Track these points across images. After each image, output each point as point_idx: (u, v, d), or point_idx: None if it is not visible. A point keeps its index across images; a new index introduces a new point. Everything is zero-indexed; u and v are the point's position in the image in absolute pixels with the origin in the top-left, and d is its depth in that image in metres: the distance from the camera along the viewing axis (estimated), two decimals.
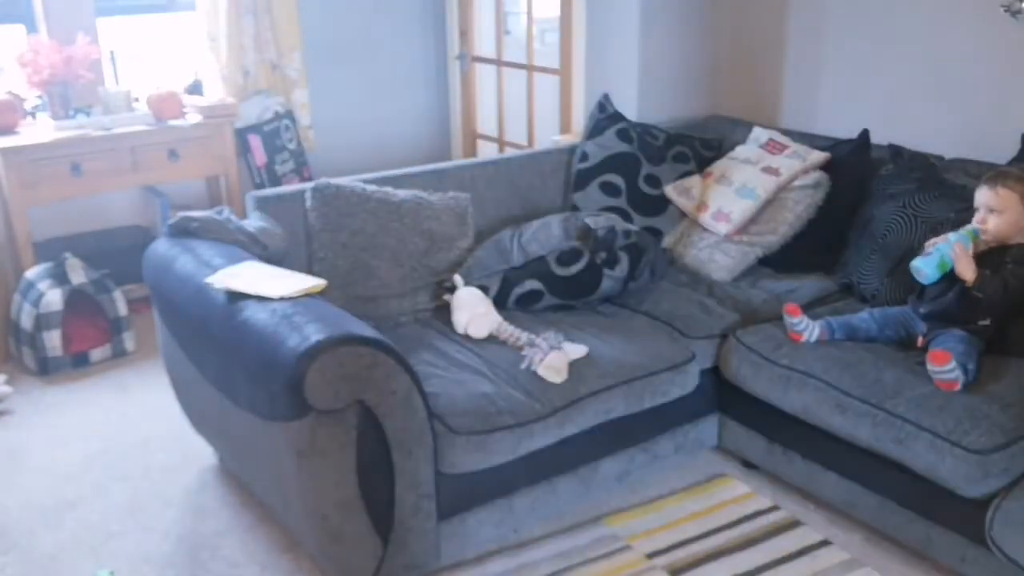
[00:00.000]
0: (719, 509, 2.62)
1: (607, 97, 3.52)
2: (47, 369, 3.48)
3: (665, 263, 3.03)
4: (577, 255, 2.82)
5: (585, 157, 3.37)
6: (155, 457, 2.94)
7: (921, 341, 2.49)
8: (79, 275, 3.52)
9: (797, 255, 3.11)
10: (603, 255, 2.82)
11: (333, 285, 2.63)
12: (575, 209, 3.27)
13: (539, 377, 2.39)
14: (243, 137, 4.15)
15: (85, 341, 3.55)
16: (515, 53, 4.59)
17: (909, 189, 2.87)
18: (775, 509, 2.61)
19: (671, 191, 3.32)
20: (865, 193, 3.05)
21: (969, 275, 2.40)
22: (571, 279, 2.80)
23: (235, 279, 2.28)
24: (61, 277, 3.48)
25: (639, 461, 2.66)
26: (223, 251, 2.51)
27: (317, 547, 2.21)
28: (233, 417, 2.31)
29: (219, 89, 4.13)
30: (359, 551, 2.15)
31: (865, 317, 2.60)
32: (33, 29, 3.91)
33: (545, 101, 4.38)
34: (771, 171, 3.18)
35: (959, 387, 2.26)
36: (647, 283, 2.91)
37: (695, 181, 3.34)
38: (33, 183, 3.52)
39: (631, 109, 3.68)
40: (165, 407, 3.04)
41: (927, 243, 2.52)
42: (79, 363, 3.54)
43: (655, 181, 3.32)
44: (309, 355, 1.94)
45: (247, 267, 2.38)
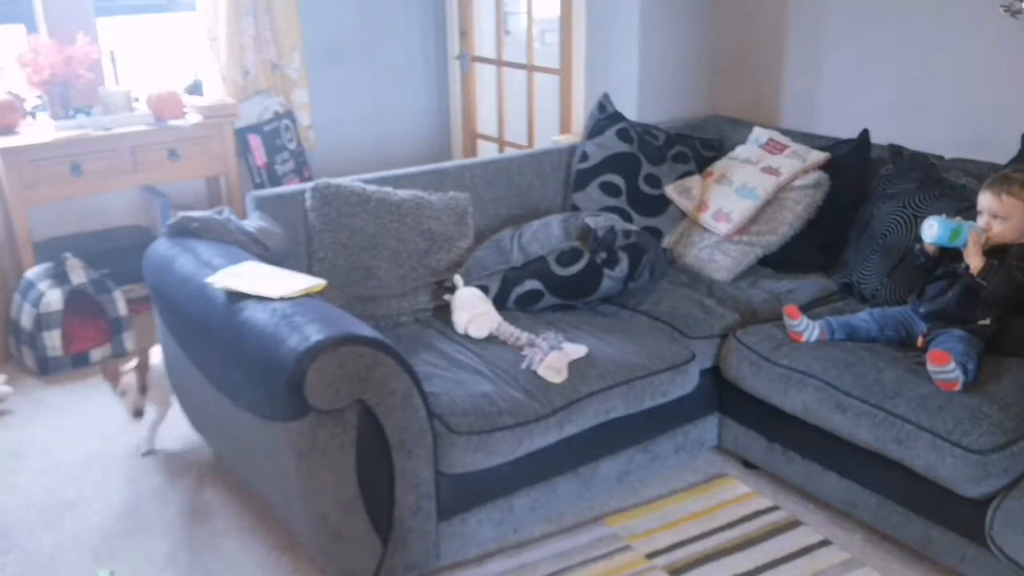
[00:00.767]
0: (719, 509, 2.62)
1: (607, 97, 3.52)
2: (47, 369, 3.48)
3: (665, 263, 3.03)
4: (577, 255, 2.82)
5: (585, 157, 3.37)
6: (155, 457, 2.94)
7: (921, 341, 2.49)
8: (79, 275, 3.52)
9: (797, 255, 3.11)
10: (603, 255, 2.82)
11: (333, 285, 2.63)
12: (575, 209, 3.27)
13: (539, 377, 2.39)
14: (243, 137, 4.15)
15: (85, 341, 3.55)
16: (515, 53, 4.59)
17: (909, 189, 2.87)
18: (775, 509, 2.61)
19: (671, 191, 3.32)
20: (865, 193, 3.05)
21: (976, 262, 2.40)
22: (571, 279, 2.80)
23: (235, 279, 2.28)
24: (61, 277, 3.48)
25: (639, 461, 2.66)
26: (223, 251, 2.51)
27: (317, 547, 2.21)
28: (233, 417, 2.31)
29: (219, 89, 4.14)
30: (359, 551, 2.15)
31: (865, 317, 2.60)
32: (33, 29, 3.91)
33: (545, 101, 4.38)
34: (771, 171, 3.18)
35: (959, 387, 2.26)
36: (647, 283, 2.90)
37: (695, 181, 3.34)
38: (33, 183, 3.52)
39: (631, 109, 3.69)
40: None
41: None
42: (79, 363, 3.54)
43: (655, 181, 3.33)
44: (309, 355, 1.94)
45: (247, 267, 2.38)
